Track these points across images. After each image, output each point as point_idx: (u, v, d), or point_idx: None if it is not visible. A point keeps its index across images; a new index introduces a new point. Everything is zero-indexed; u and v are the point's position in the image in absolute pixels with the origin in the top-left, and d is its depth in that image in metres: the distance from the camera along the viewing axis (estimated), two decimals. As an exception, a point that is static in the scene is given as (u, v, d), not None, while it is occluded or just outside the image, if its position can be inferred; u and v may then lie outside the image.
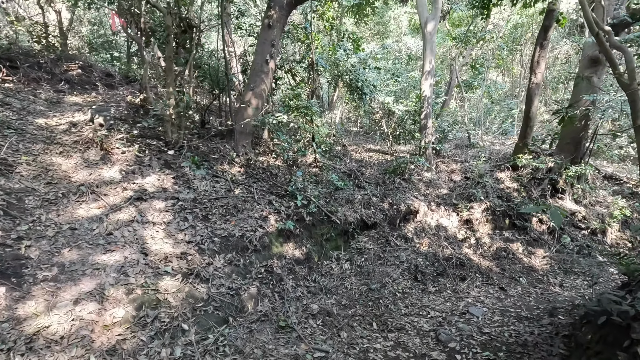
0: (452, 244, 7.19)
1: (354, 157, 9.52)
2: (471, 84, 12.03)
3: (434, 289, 5.75)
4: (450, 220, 7.75)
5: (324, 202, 6.36)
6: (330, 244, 6.01)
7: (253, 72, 6.67)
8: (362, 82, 8.57)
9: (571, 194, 8.36)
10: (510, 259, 7.04)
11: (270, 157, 7.02)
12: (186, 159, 5.32)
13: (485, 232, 7.74)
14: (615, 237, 7.83)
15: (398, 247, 6.63)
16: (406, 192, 8.04)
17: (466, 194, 8.17)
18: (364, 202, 7.19)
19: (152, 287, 3.45)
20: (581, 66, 7.98)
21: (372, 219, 6.91)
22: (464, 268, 6.41)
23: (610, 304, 2.58)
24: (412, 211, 7.59)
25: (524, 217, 7.87)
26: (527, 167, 8.45)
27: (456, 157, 9.95)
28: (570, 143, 8.23)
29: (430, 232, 7.33)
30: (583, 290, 6.16)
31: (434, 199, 8.07)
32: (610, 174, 9.31)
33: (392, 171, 7.87)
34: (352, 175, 7.91)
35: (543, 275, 6.66)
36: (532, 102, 7.55)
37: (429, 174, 8.94)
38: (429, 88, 8.82)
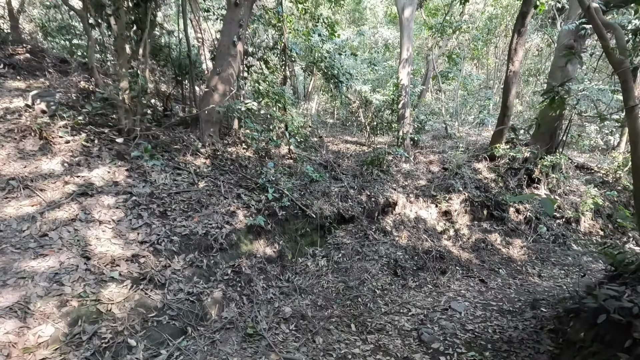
0: (432, 236, 6.99)
1: (330, 148, 9.15)
2: (447, 74, 11.94)
3: (415, 284, 5.50)
4: (429, 212, 7.55)
5: (298, 195, 5.94)
6: (306, 240, 5.62)
7: (219, 55, 6.11)
8: (337, 70, 8.17)
9: (546, 183, 8.38)
10: (489, 250, 6.93)
11: (241, 147, 6.52)
12: (137, 148, 4.73)
13: (464, 224, 7.61)
14: (588, 226, 7.92)
15: (377, 241, 6.34)
16: (384, 183, 7.76)
17: (445, 185, 8.00)
18: (341, 194, 6.84)
19: (93, 297, 2.92)
20: (556, 55, 7.95)
21: (349, 212, 6.58)
22: (444, 261, 6.22)
23: (608, 299, 2.35)
24: (391, 203, 7.32)
25: (502, 208, 7.81)
26: (504, 157, 8.39)
27: (434, 148, 9.79)
28: (545, 133, 8.22)
29: (410, 225, 7.10)
30: (561, 280, 6.12)
31: (413, 190, 7.84)
32: (582, 164, 9.46)
33: (369, 162, 7.56)
34: (328, 167, 7.53)
35: (521, 265, 6.59)
36: (510, 90, 7.44)
37: (407, 165, 8.71)
38: (407, 76, 8.56)
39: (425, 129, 11.33)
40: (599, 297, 2.40)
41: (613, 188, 8.54)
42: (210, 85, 5.99)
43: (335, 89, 8.56)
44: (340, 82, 8.36)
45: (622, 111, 8.99)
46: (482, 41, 11.76)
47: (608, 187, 8.58)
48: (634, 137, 2.90)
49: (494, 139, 8.28)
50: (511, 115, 7.83)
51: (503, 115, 7.73)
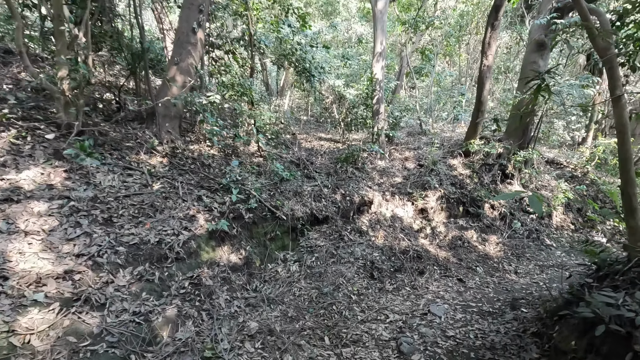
0: (408, 235, 6.77)
1: (303, 145, 8.76)
2: (421, 71, 11.85)
3: (392, 287, 5.22)
4: (406, 210, 7.34)
5: (268, 195, 5.51)
6: (276, 244, 5.20)
7: (177, 44, 5.56)
8: (309, 63, 7.78)
9: (519, 178, 8.40)
10: (466, 248, 6.79)
11: (204, 145, 5.99)
12: (72, 145, 4.13)
13: (441, 221, 7.45)
14: (559, 220, 8.00)
15: (352, 242, 6.02)
16: (360, 181, 7.47)
17: (420, 182, 7.82)
18: (314, 194, 6.47)
19: (4, 327, 2.38)
20: (528, 50, 7.95)
21: (323, 212, 6.22)
22: (421, 261, 5.99)
23: (604, 307, 2.12)
24: (367, 202, 7.04)
25: (477, 204, 7.73)
26: (478, 153, 8.33)
27: (409, 144, 9.63)
28: (518, 128, 8.22)
29: (386, 224, 6.84)
30: (537, 276, 6.06)
31: (389, 188, 7.60)
32: (552, 159, 9.60)
33: (344, 159, 7.23)
34: (300, 165, 7.13)
35: (498, 262, 6.49)
36: (484, 85, 7.34)
37: (382, 162, 8.47)
38: (381, 71, 8.30)
39: (400, 125, 11.17)
40: (593, 303, 2.17)
41: (582, 182, 8.70)
42: (169, 76, 5.43)
43: (308, 83, 8.16)
44: (313, 76, 7.98)
45: (591, 106, 9.14)
46: (454, 37, 11.74)
47: (577, 181, 8.73)
48: (621, 127, 2.71)
49: (468, 135, 8.19)
50: (485, 110, 7.77)
51: (477, 110, 7.64)
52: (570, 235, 7.84)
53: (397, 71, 14.08)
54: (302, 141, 9.21)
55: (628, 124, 2.67)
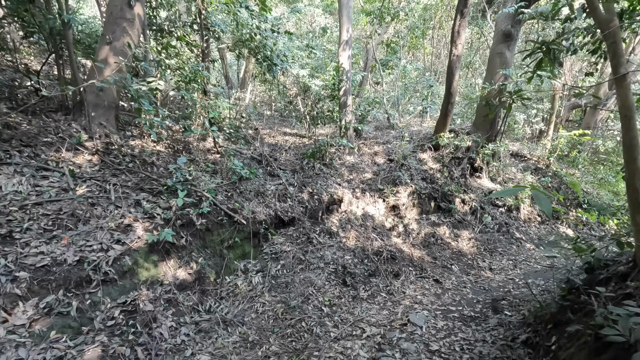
0: (381, 234, 6.36)
1: (267, 141, 8.08)
2: (387, 63, 11.57)
3: (367, 294, 4.75)
4: (377, 208, 6.93)
5: (224, 197, 4.81)
6: (235, 253, 4.53)
7: (110, 20, 4.67)
8: (270, 51, 7.10)
9: (487, 172, 8.33)
10: (440, 245, 6.51)
11: (149, 140, 5.15)
12: None
13: (413, 218, 7.14)
14: (527, 212, 8.00)
15: (322, 245, 5.49)
16: (328, 178, 6.95)
17: (391, 177, 7.46)
18: (279, 193, 5.85)
19: None
20: (494, 41, 7.83)
21: (289, 213, 5.62)
22: (395, 262, 5.60)
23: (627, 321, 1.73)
24: (336, 200, 6.53)
25: (449, 199, 7.51)
26: (448, 147, 8.12)
27: (378, 138, 9.27)
28: (486, 121, 8.11)
29: (357, 223, 6.39)
30: (511, 272, 5.90)
31: (359, 184, 7.16)
32: (516, 152, 9.69)
33: (310, 155, 6.67)
34: (263, 162, 6.47)
35: (472, 259, 6.27)
36: (453, 76, 7.09)
37: (351, 158, 8.02)
38: (348, 60, 7.81)
39: (367, 119, 10.81)
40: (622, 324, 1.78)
41: (545, 174, 8.81)
42: (99, 58, 4.53)
43: (269, 72, 7.48)
44: (274, 64, 7.30)
45: (581, 89, 9.18)
46: (419, 29, 11.56)
47: (541, 173, 8.83)
48: (625, 110, 2.36)
49: (438, 128, 7.95)
50: (455, 102, 7.55)
51: (447, 102, 7.39)
52: (537, 227, 7.88)
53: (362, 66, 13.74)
54: (266, 136, 8.52)
55: (634, 106, 2.34)
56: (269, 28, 6.99)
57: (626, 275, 2.41)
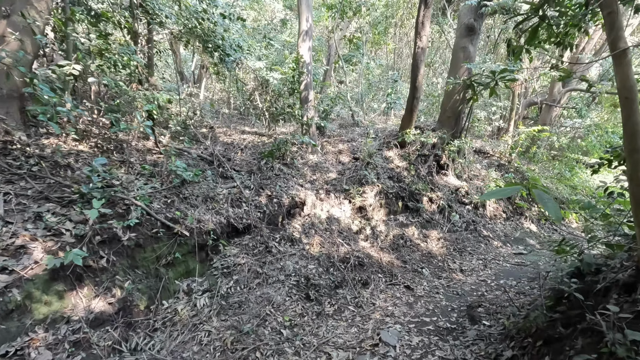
0: (347, 238, 5.88)
1: (222, 140, 7.32)
2: (350, 59, 11.21)
3: (333, 309, 4.22)
4: (343, 210, 6.45)
5: (162, 204, 4.05)
6: (176, 271, 3.79)
7: (9, -13, 3.74)
8: (222, 39, 6.36)
9: (453, 169, 8.16)
10: (409, 247, 6.16)
11: (69, 138, 4.25)
12: None
13: (380, 219, 6.74)
14: (492, 210, 7.92)
15: (282, 254, 4.89)
16: (289, 179, 6.35)
17: (357, 176, 7.01)
18: (233, 197, 5.16)
19: None
20: (457, 35, 7.66)
21: (244, 220, 4.96)
22: (364, 269, 5.13)
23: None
24: (298, 203, 5.96)
25: (416, 198, 7.20)
26: (414, 144, 7.84)
27: (342, 136, 8.82)
28: (451, 117, 7.94)
29: (322, 227, 5.86)
30: (482, 273, 5.66)
31: (323, 185, 6.63)
32: (479, 148, 9.67)
33: (268, 154, 6.04)
34: (215, 162, 5.74)
35: (442, 260, 5.96)
36: (418, 69, 6.79)
37: (315, 157, 7.48)
38: (308, 52, 7.26)
39: (331, 117, 10.35)
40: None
41: (508, 170, 8.83)
42: (-7, 35, 3.60)
43: (222, 64, 6.73)
44: (227, 55, 6.57)
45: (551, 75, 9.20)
46: (382, 25, 11.31)
47: (503, 169, 8.84)
48: (626, 91, 2.01)
49: (403, 124, 7.63)
50: (421, 97, 7.26)
51: (412, 97, 7.08)
52: (503, 224, 7.81)
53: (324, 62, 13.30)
54: (221, 135, 7.76)
55: (636, 87, 1.98)
56: (219, 13, 6.26)
57: (631, 286, 2.05)
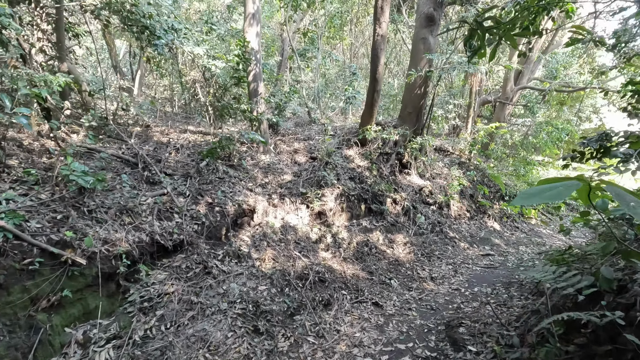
0: (306, 249, 5.10)
1: (157, 139, 6.17)
2: (305, 53, 10.50)
3: (288, 343, 3.39)
4: (300, 216, 5.65)
5: (51, 222, 2.95)
6: (65, 315, 2.72)
7: None
8: (149, 17, 5.28)
9: (416, 167, 7.73)
10: (375, 255, 5.51)
11: None
12: None
13: (342, 225, 6.04)
14: (457, 209, 7.59)
15: (226, 275, 3.98)
16: (236, 183, 5.43)
17: (315, 178, 6.27)
18: (160, 208, 4.14)
19: None
20: (417, 26, 7.23)
21: (175, 236, 3.96)
22: (325, 285, 4.36)
23: None
24: (247, 211, 5.06)
25: (379, 200, 6.62)
26: (375, 141, 7.28)
27: (298, 134, 8.03)
28: (412, 113, 7.50)
29: (275, 238, 5.01)
30: (454, 280, 5.17)
31: (276, 189, 5.79)
32: (439, 146, 9.41)
33: (209, 153, 5.07)
34: (139, 164, 4.65)
35: (411, 268, 5.40)
36: (379, 59, 6.22)
37: (267, 157, 6.61)
38: (256, 38, 6.39)
39: (286, 114, 9.53)
40: None
41: (468, 168, 8.61)
42: None
43: (151, 47, 5.63)
44: (157, 37, 5.49)
45: None
46: (337, 17, 10.74)
47: (464, 167, 8.60)
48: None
49: (363, 120, 7.03)
50: (381, 90, 6.69)
51: (372, 90, 6.49)
52: (468, 223, 7.51)
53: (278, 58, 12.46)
54: (157, 134, 6.60)
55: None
56: (145, -14, 5.18)
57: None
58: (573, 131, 9.69)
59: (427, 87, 7.19)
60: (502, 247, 6.89)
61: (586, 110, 12.65)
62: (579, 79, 12.39)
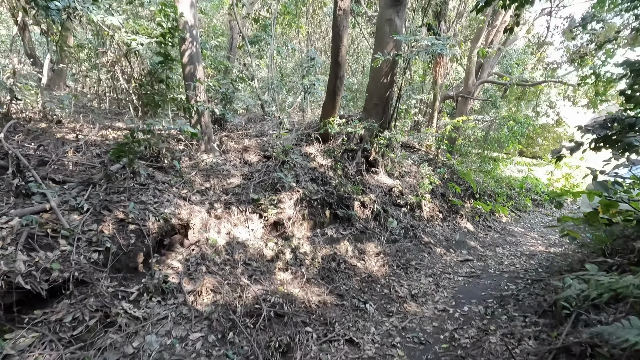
0: (258, 271, 4.00)
1: (61, 136, 4.68)
2: (258, 41, 9.35)
3: None
4: (251, 229, 4.53)
5: None
6: None
7: None
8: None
9: (384, 166, 6.93)
10: (344, 272, 4.56)
11: None
12: None
13: (304, 236, 5.01)
14: (429, 210, 6.89)
15: (140, 324, 2.77)
16: (164, 191, 4.17)
17: (269, 181, 5.18)
18: (34, 233, 2.81)
19: None
20: (382, 7, 6.43)
21: (56, 274, 2.67)
22: (284, 322, 3.30)
23: None
24: (178, 227, 3.84)
25: (346, 204, 5.69)
26: (339, 136, 6.36)
27: (249, 130, 6.87)
28: (378, 104, 6.69)
29: (218, 260, 3.86)
30: (438, 298, 4.36)
31: (220, 196, 4.62)
32: (405, 142, 8.74)
33: (116, 152, 3.76)
34: (11, 169, 3.24)
35: (387, 285, 4.51)
36: (341, 39, 5.28)
37: (210, 157, 5.40)
38: (191, 10, 5.16)
39: (237, 109, 8.30)
40: None
41: (436, 164, 8.01)
42: None
43: (45, 13, 4.18)
44: None
45: None
46: (292, 4, 9.71)
47: (432, 164, 7.99)
48: None
49: (325, 111, 6.07)
50: (344, 75, 5.76)
51: (335, 76, 5.55)
52: (441, 225, 6.85)
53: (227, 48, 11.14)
54: (65, 130, 5.08)
55: None
56: None
57: None
58: (534, 125, 9.58)
59: (394, 75, 6.42)
60: (479, 250, 6.28)
61: (543, 105, 12.95)
62: (532, 74, 12.53)
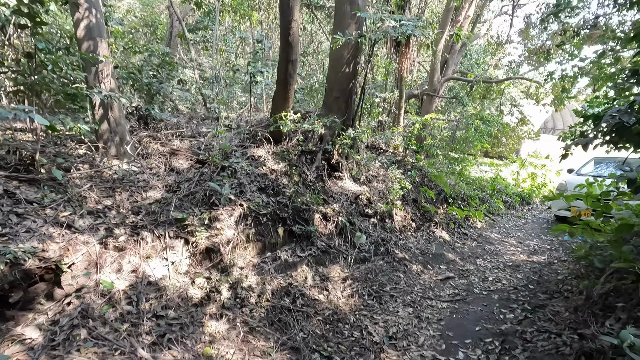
0: (177, 325, 2.78)
1: None
2: (199, 27, 8.03)
3: None
4: (171, 262, 3.28)
5: None
6: None
7: None
8: None
9: (348, 169, 5.94)
10: (301, 311, 3.45)
11: None
12: None
13: (248, 264, 3.83)
14: (401, 219, 6.00)
15: None
16: (25, 215, 2.81)
17: (202, 192, 3.96)
18: None
19: None
20: (339, -18, 5.44)
21: None
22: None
23: None
24: (42, 271, 2.50)
25: (304, 217, 4.60)
26: (295, 135, 5.27)
27: (182, 128, 5.56)
28: (340, 97, 5.70)
29: (111, 317, 2.58)
30: (420, 335, 3.39)
31: (127, 217, 3.32)
32: (371, 143, 7.85)
33: None
34: None
35: (358, 325, 3.48)
36: (292, 13, 4.20)
37: (122, 163, 4.04)
38: (87, -34, 3.81)
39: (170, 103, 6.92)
40: None
41: (405, 167, 7.19)
42: None
43: None
44: None
45: None
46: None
47: (401, 166, 7.15)
48: None
49: (276, 104, 4.96)
50: (298, 59, 4.67)
51: (286, 60, 4.45)
52: (415, 236, 5.97)
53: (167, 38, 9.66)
54: None
55: None
56: None
57: None
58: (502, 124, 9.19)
59: (357, 64, 5.47)
60: (458, 263, 5.47)
61: (507, 104, 12.86)
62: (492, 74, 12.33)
